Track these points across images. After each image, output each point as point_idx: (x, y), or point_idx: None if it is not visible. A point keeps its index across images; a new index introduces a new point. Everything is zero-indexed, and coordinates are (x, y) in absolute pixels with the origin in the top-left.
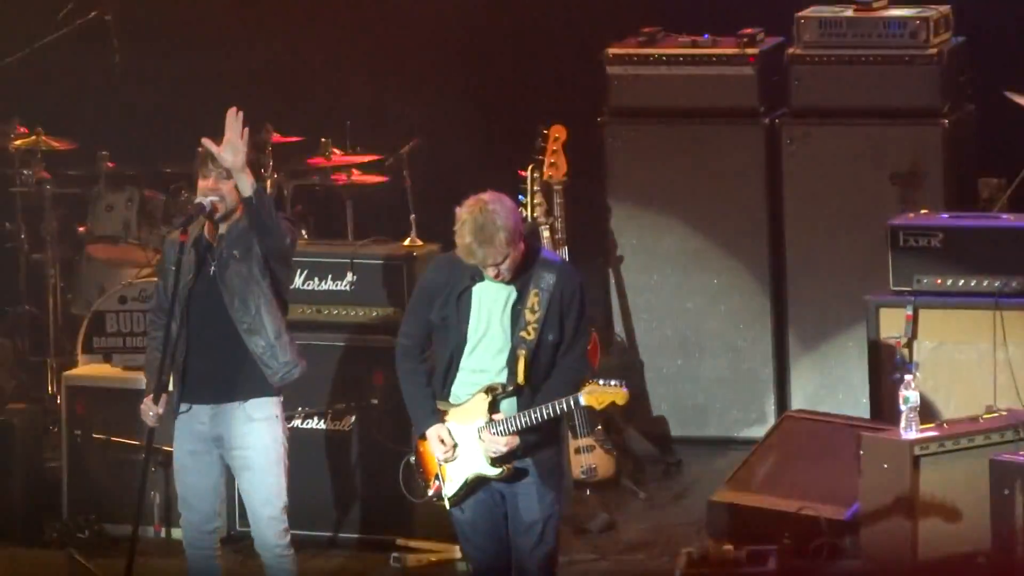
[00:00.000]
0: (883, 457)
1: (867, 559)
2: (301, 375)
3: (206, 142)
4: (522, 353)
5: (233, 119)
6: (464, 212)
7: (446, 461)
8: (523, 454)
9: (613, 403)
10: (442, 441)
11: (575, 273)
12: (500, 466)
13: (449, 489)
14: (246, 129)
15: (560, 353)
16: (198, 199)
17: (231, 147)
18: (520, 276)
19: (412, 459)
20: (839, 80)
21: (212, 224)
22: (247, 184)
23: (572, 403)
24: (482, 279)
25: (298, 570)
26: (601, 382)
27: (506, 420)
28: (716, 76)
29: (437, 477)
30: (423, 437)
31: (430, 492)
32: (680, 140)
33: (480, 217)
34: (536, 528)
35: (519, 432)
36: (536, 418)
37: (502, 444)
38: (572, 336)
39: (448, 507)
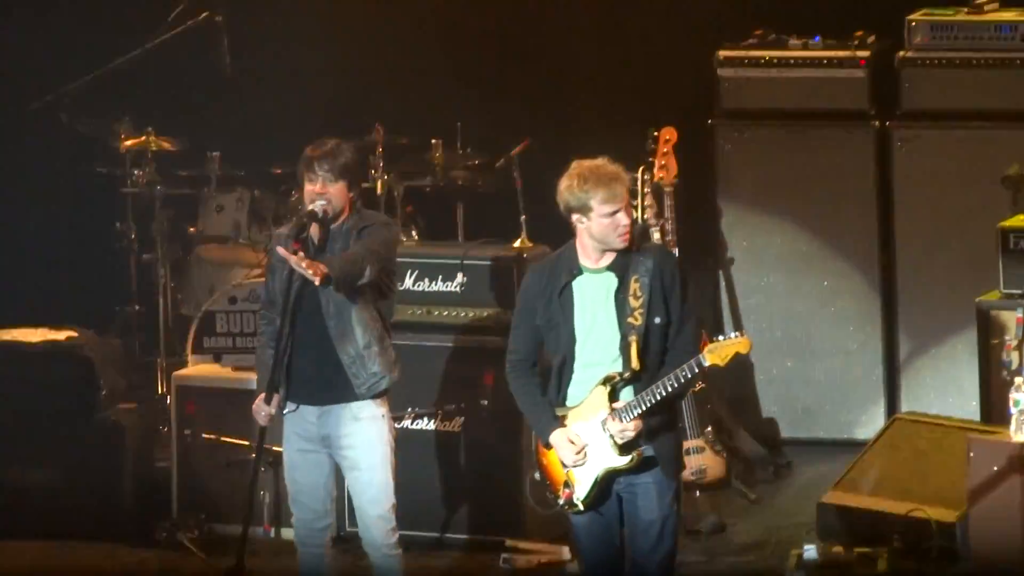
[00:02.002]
0: (993, 460)
1: (977, 561)
2: (390, 386)
3: (280, 250)
4: (633, 339)
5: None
6: (573, 175)
7: (576, 465)
8: (646, 441)
9: (737, 354)
10: (571, 443)
11: (671, 254)
12: (629, 453)
13: (580, 492)
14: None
15: (672, 336)
16: (309, 206)
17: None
18: (619, 264)
19: (537, 474)
20: (950, 83)
21: (321, 227)
22: (315, 276)
23: (696, 366)
24: (580, 273)
25: (405, 570)
26: (720, 337)
27: (629, 406)
28: (827, 78)
29: (566, 484)
30: (548, 445)
31: (561, 501)
32: (790, 142)
33: (591, 163)
34: (655, 528)
35: (644, 415)
36: (660, 393)
37: (631, 428)
38: (680, 315)
39: (582, 510)
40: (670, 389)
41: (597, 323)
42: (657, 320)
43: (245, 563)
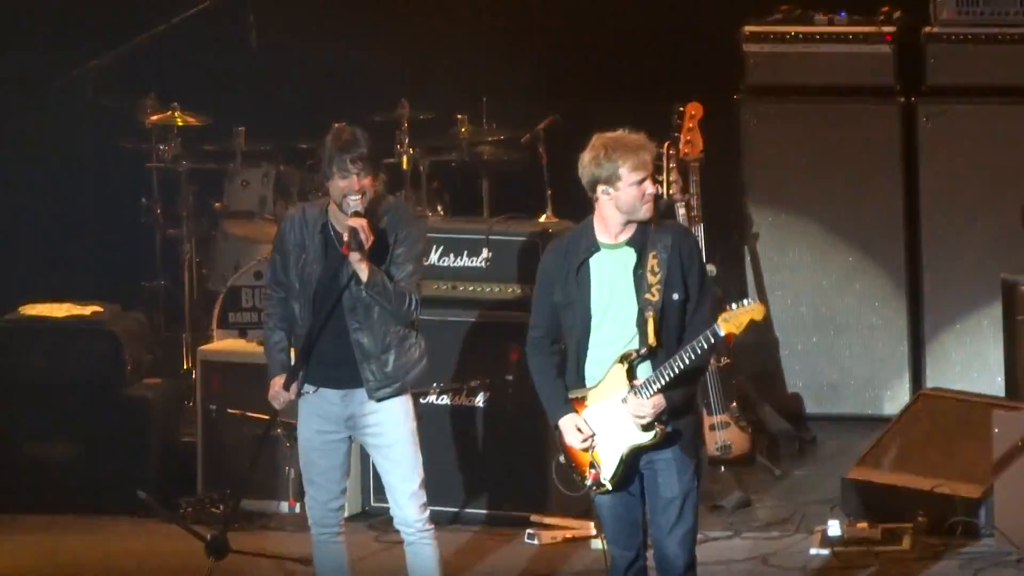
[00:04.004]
0: (1018, 435)
1: (1001, 537)
2: (394, 394)
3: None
4: (650, 315)
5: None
6: (597, 147)
7: (584, 450)
8: (668, 418)
9: (753, 320)
10: (579, 430)
11: (690, 231)
12: (652, 430)
13: (607, 472)
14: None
15: (690, 312)
16: (352, 206)
17: (358, 235)
18: (637, 239)
19: (562, 457)
20: (976, 58)
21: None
22: (364, 271)
23: (711, 336)
24: (598, 250)
25: (439, 545)
26: (733, 305)
27: (648, 381)
28: (852, 54)
29: (592, 465)
30: (557, 428)
31: (588, 482)
32: (816, 118)
33: (613, 134)
34: (675, 504)
35: (664, 389)
36: (679, 366)
37: (648, 408)
38: (698, 292)
39: (611, 490)
40: (688, 361)
41: (615, 299)
42: (675, 296)
43: (227, 537)
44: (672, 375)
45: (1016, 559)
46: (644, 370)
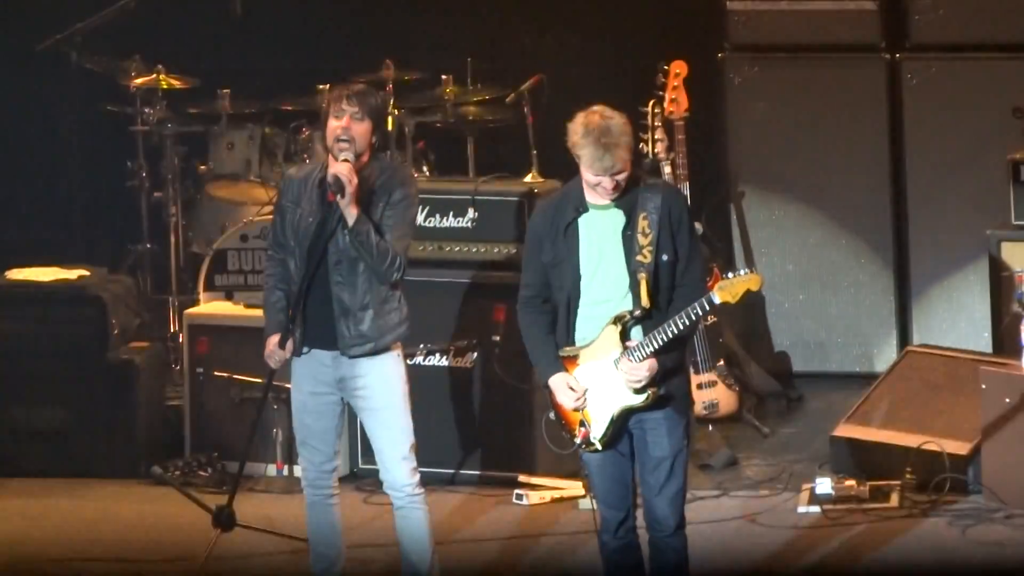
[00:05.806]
0: (1005, 391)
1: (989, 494)
2: (368, 353)
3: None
4: (642, 277)
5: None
6: (579, 124)
7: (577, 409)
8: (658, 379)
9: (748, 291)
10: (571, 388)
11: (679, 191)
12: (644, 391)
13: (597, 431)
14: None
15: (679, 273)
16: (336, 151)
17: (339, 180)
18: (626, 200)
19: (551, 414)
20: (961, 14)
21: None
22: (352, 214)
23: (707, 303)
24: (587, 210)
25: (430, 510)
26: (731, 275)
27: (641, 344)
28: (837, 11)
29: (582, 423)
30: (548, 388)
31: (577, 440)
32: (801, 75)
33: (601, 123)
34: (665, 464)
35: (657, 353)
36: (672, 331)
37: (643, 371)
38: (687, 252)
39: (600, 450)
40: (681, 327)
41: (604, 260)
42: (665, 257)
43: (234, 506)
44: (665, 340)
45: (1004, 515)
46: (637, 333)
